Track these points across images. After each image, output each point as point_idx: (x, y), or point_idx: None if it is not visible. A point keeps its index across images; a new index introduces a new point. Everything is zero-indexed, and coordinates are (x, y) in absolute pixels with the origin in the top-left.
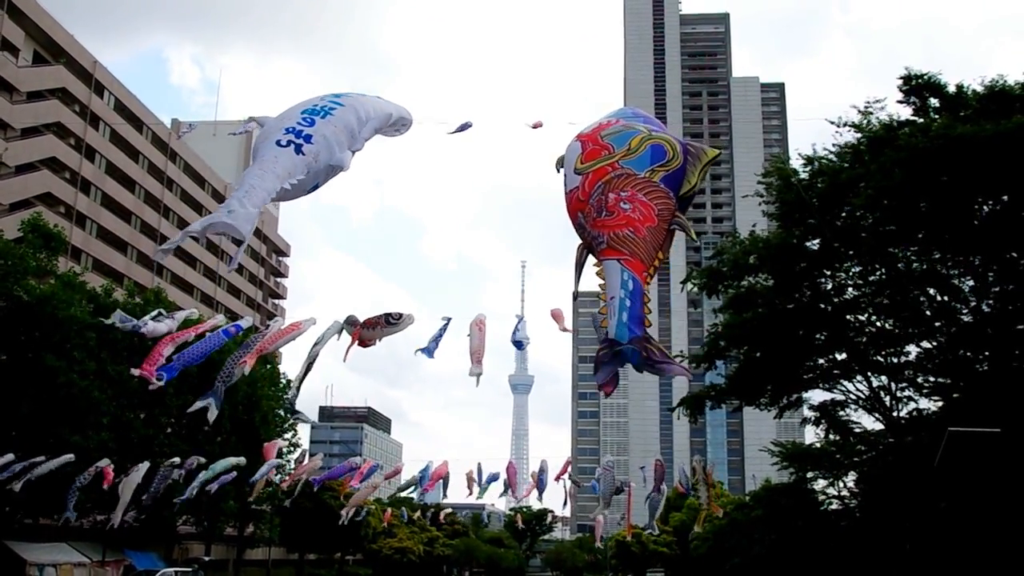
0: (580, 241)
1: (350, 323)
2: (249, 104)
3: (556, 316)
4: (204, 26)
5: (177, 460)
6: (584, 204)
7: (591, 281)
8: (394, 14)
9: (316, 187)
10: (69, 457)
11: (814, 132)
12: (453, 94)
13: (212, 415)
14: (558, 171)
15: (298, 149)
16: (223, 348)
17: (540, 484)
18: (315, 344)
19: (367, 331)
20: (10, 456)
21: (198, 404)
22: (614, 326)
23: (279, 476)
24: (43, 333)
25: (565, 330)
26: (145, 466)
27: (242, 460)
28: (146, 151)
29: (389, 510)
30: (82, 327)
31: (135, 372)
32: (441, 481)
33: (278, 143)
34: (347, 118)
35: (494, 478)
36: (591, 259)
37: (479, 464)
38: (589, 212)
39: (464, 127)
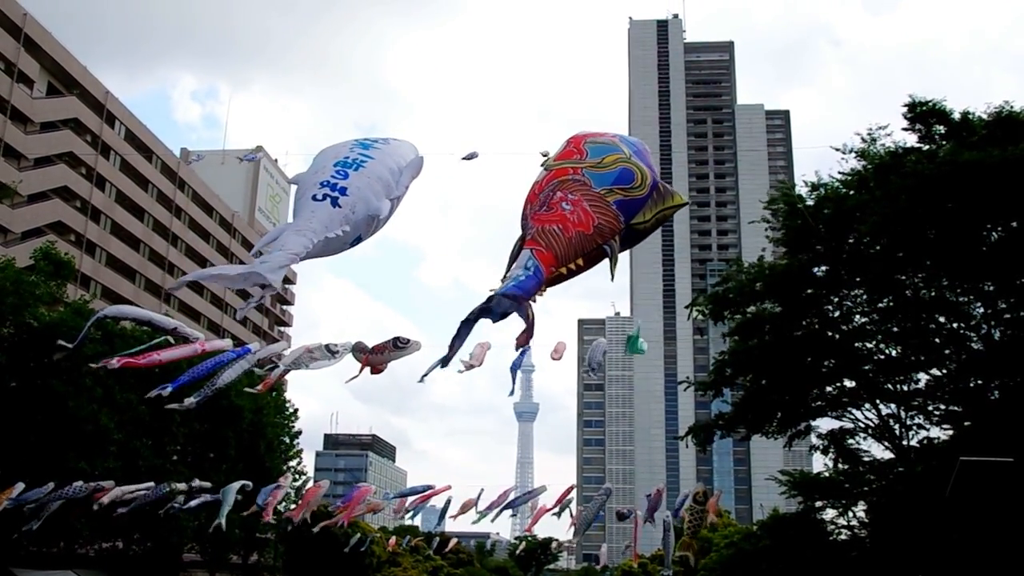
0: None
1: (359, 350)
2: (258, 138)
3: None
4: (217, 62)
5: (183, 486)
6: (535, 197)
7: (596, 308)
8: (400, 50)
9: (359, 240)
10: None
11: (817, 158)
12: (460, 124)
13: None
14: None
15: (334, 202)
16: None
17: (512, 503)
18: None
19: (376, 356)
20: (20, 485)
21: (184, 403)
22: (504, 286)
23: (284, 506)
24: (52, 360)
25: None
26: (150, 485)
27: (248, 484)
28: (155, 180)
29: (393, 538)
30: (91, 354)
31: (115, 363)
32: (440, 510)
33: (314, 198)
34: (379, 170)
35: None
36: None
37: (480, 491)
38: (536, 205)
39: (472, 156)
